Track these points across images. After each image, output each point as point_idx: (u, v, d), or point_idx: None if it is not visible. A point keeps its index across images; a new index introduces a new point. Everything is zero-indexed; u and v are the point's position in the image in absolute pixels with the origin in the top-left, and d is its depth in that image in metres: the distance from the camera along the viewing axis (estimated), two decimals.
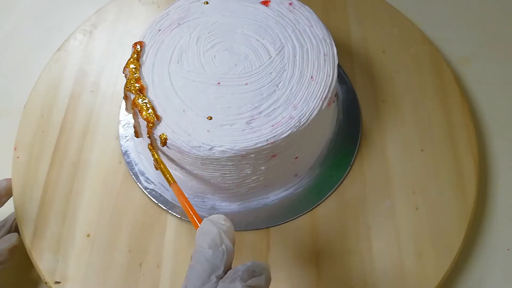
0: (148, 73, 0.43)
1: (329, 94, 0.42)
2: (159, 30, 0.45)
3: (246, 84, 0.42)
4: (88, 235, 0.46)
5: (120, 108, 0.53)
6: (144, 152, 0.49)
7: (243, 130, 0.40)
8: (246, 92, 0.42)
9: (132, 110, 0.43)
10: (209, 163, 0.41)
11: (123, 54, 0.56)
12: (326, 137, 0.49)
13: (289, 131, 0.40)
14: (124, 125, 0.52)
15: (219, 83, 0.42)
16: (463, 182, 0.47)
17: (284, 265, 0.44)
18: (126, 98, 0.43)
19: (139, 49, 0.44)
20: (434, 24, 0.60)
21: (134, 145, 0.50)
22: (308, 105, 0.41)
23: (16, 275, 0.47)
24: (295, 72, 0.43)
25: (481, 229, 0.48)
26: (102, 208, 0.47)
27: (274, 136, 0.40)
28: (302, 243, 0.45)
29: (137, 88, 0.42)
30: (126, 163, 0.50)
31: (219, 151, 0.40)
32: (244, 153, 0.40)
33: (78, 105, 0.53)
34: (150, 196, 0.48)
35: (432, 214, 0.46)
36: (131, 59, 0.43)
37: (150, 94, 0.42)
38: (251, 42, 0.44)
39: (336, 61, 0.44)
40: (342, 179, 0.48)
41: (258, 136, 0.40)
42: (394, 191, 0.47)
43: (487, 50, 0.59)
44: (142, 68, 0.43)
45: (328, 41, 0.45)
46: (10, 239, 0.44)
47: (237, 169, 0.42)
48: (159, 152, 0.43)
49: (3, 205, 0.48)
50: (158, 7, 0.60)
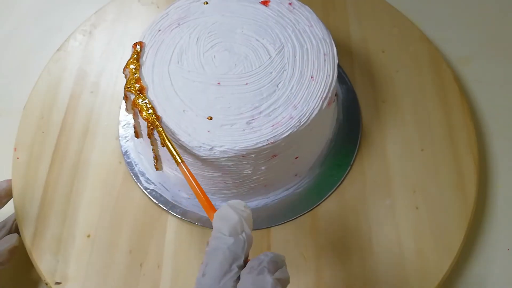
0: (148, 73, 0.43)
1: (329, 94, 0.42)
2: (159, 30, 0.45)
3: (246, 84, 0.42)
4: (89, 236, 0.46)
5: (120, 109, 0.53)
6: (144, 152, 0.49)
7: (244, 130, 0.40)
8: (246, 92, 0.42)
9: (132, 110, 0.43)
10: (210, 163, 0.41)
11: (123, 54, 0.56)
12: (326, 137, 0.49)
13: (289, 131, 0.40)
14: (124, 125, 0.52)
15: (219, 83, 0.42)
16: (463, 182, 0.47)
17: None
18: (126, 98, 0.43)
19: (139, 49, 0.44)
20: (434, 24, 0.60)
21: (134, 146, 0.50)
22: (308, 105, 0.41)
23: (16, 275, 0.47)
24: (295, 72, 0.43)
25: (481, 229, 0.48)
26: (102, 208, 0.47)
27: (274, 136, 0.40)
28: (303, 243, 0.45)
29: (137, 88, 0.42)
30: (126, 164, 0.50)
31: (220, 151, 0.40)
32: (244, 153, 0.40)
33: (78, 105, 0.53)
34: (150, 197, 0.48)
35: (432, 213, 0.46)
36: (131, 60, 0.43)
37: (150, 94, 0.42)
38: (251, 42, 0.44)
39: (336, 61, 0.44)
40: (342, 179, 0.48)
41: (259, 136, 0.40)
42: (394, 191, 0.47)
43: (487, 50, 0.59)
44: (142, 69, 0.43)
45: (328, 41, 0.45)
46: (10, 240, 0.44)
47: (238, 169, 0.42)
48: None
49: (3, 206, 0.47)
50: (158, 7, 0.60)
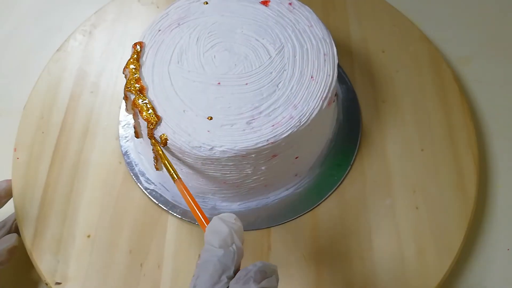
0: (148, 73, 0.43)
1: (329, 94, 0.42)
2: (159, 30, 0.45)
3: (246, 84, 0.42)
4: (89, 236, 0.46)
5: (120, 109, 0.53)
6: (144, 152, 0.49)
7: (244, 130, 0.40)
8: (246, 92, 0.42)
9: (132, 110, 0.43)
10: (210, 163, 0.41)
11: (123, 54, 0.56)
12: (326, 137, 0.49)
13: (290, 131, 0.40)
14: (124, 125, 0.52)
15: (219, 83, 0.42)
16: (463, 182, 0.47)
17: (285, 264, 0.44)
18: (126, 98, 0.43)
19: (139, 49, 0.44)
20: (434, 24, 0.60)
21: (134, 146, 0.50)
22: (308, 105, 0.41)
23: (16, 275, 0.47)
24: (295, 72, 0.43)
25: (481, 229, 0.48)
26: (102, 208, 0.47)
27: (274, 136, 0.40)
28: (303, 243, 0.45)
29: (137, 88, 0.42)
30: (126, 164, 0.50)
31: (220, 151, 0.40)
32: (244, 153, 0.40)
33: (78, 105, 0.53)
34: (150, 197, 0.48)
35: (432, 213, 0.46)
36: (131, 60, 0.43)
37: (150, 94, 0.42)
38: (251, 42, 0.44)
39: (336, 61, 0.44)
40: (342, 179, 0.48)
41: (259, 136, 0.40)
42: (394, 191, 0.47)
43: (487, 50, 0.59)
44: (142, 69, 0.43)
45: (328, 41, 0.45)
46: (10, 240, 0.44)
47: (238, 169, 0.42)
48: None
49: (3, 206, 0.47)
50: (158, 7, 0.60)
